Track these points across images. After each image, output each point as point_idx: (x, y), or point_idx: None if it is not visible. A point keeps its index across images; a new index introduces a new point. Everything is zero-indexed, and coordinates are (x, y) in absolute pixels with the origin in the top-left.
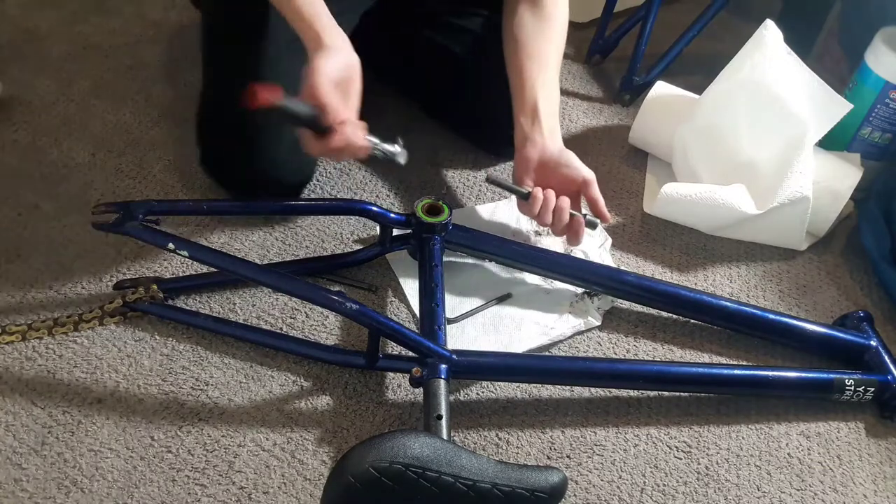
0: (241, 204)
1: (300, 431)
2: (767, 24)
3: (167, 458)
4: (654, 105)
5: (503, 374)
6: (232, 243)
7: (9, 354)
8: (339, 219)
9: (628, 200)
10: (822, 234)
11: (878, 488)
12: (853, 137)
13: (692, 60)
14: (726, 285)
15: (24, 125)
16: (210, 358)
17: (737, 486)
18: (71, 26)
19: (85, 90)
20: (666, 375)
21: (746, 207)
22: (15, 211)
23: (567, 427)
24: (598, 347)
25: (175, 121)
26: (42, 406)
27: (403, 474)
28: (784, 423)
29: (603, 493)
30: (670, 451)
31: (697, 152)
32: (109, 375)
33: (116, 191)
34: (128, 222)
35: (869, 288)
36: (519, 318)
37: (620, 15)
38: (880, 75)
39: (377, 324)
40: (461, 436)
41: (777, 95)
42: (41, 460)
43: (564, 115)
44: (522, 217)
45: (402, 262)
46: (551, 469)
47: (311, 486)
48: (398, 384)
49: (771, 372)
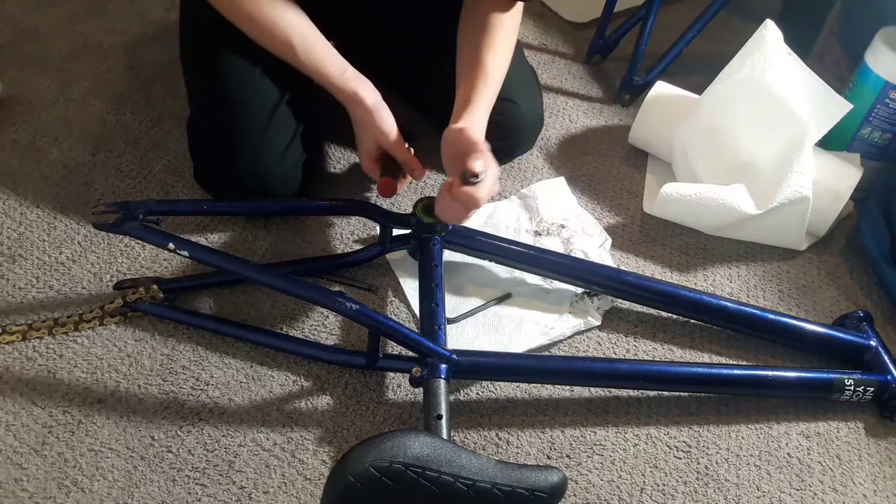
0: (241, 204)
1: (300, 431)
2: (767, 24)
3: (167, 458)
4: (654, 105)
5: (503, 374)
6: (232, 243)
7: (9, 354)
8: (339, 219)
9: (628, 200)
10: (822, 234)
11: (878, 488)
12: (853, 137)
13: (692, 60)
14: (726, 285)
15: (24, 125)
16: (210, 358)
17: (736, 485)
18: (71, 26)
19: (85, 90)
20: (666, 375)
21: (746, 207)
22: (15, 211)
23: (567, 427)
24: (598, 347)
25: (175, 121)
26: (42, 406)
27: (403, 474)
28: (784, 423)
29: (603, 492)
30: (670, 451)
31: (697, 152)
32: (110, 375)
33: (116, 191)
34: (128, 222)
35: (869, 288)
36: (519, 318)
37: (620, 15)
38: (880, 75)
39: (377, 324)
40: (461, 436)
41: (777, 95)
42: (41, 460)
43: (564, 115)
44: (522, 217)
45: (402, 262)
46: (551, 469)
47: (312, 485)
48: (398, 384)
49: (771, 372)
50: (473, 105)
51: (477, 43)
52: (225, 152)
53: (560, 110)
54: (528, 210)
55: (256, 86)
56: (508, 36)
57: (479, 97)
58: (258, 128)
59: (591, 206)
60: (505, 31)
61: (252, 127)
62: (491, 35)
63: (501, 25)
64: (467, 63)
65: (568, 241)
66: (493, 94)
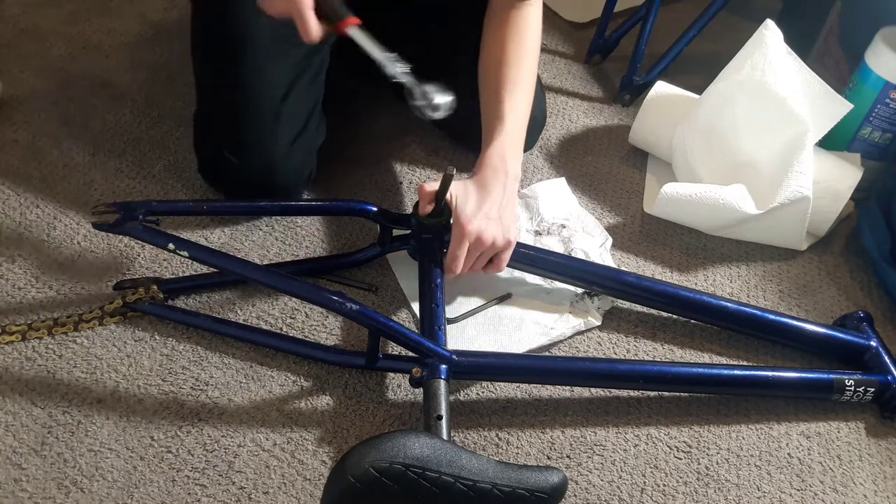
0: (242, 204)
1: (300, 431)
2: (767, 24)
3: (167, 458)
4: (654, 105)
5: (503, 374)
6: (232, 243)
7: (9, 354)
8: (339, 219)
9: (628, 200)
10: (822, 234)
11: (879, 488)
12: (853, 137)
13: (692, 60)
14: (726, 285)
15: (24, 125)
16: (210, 358)
17: (737, 486)
18: (71, 26)
19: (85, 90)
20: (666, 375)
21: (746, 207)
22: (15, 211)
23: (567, 427)
24: (598, 347)
25: (175, 121)
26: (42, 406)
27: (404, 474)
28: (784, 423)
29: (603, 493)
30: (670, 451)
31: (697, 152)
32: (109, 375)
33: (116, 191)
34: (128, 222)
35: (869, 288)
36: (519, 318)
37: (620, 15)
38: (880, 75)
39: (377, 324)
40: (461, 436)
41: (777, 95)
42: (41, 460)
43: (564, 115)
44: (523, 217)
45: (402, 262)
46: (551, 469)
47: (311, 486)
48: (398, 384)
49: (771, 372)
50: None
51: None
52: (234, 150)
53: (560, 110)
54: (528, 210)
55: (268, 73)
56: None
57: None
58: (268, 116)
59: (592, 206)
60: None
61: (262, 115)
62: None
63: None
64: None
65: (568, 240)
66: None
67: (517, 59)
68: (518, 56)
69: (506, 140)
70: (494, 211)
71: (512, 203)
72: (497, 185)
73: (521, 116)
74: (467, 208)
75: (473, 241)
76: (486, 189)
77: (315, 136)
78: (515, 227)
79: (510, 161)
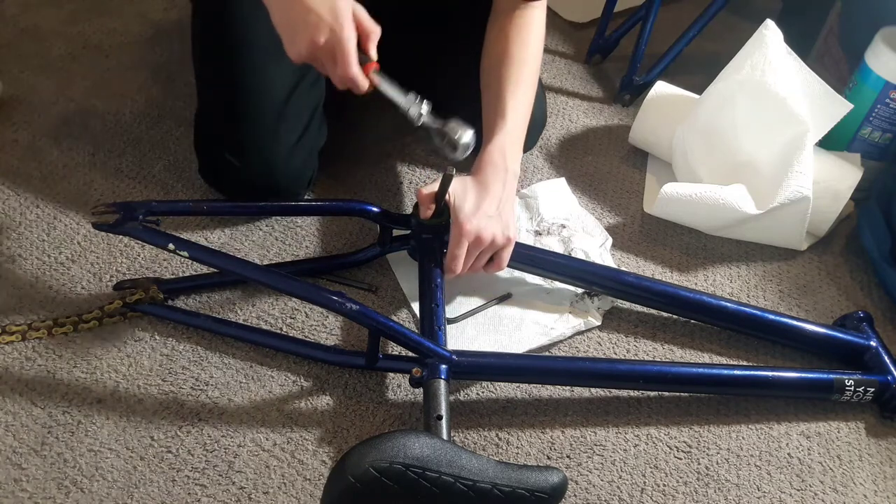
0: (242, 204)
1: (300, 431)
2: (767, 24)
3: (167, 458)
4: (654, 105)
5: (503, 374)
6: (232, 243)
7: (9, 354)
8: (339, 219)
9: (628, 200)
10: (822, 234)
11: (879, 488)
12: (853, 137)
13: (692, 60)
14: (726, 285)
15: (24, 125)
16: (210, 358)
17: (737, 486)
18: (71, 26)
19: (85, 90)
20: (666, 375)
21: (747, 207)
22: (15, 211)
23: (567, 427)
24: (598, 347)
25: (175, 121)
26: (42, 406)
27: (404, 474)
28: (784, 423)
29: (603, 493)
30: (670, 451)
31: (697, 152)
32: (109, 375)
33: (116, 191)
34: (128, 222)
35: (869, 288)
36: (519, 318)
37: (620, 15)
38: (880, 75)
39: (377, 324)
40: (461, 436)
41: (777, 95)
42: (41, 460)
43: (564, 115)
44: (523, 217)
45: (402, 262)
46: (551, 469)
47: (311, 486)
48: (398, 384)
49: (771, 372)
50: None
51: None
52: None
53: (560, 110)
54: (528, 210)
55: (270, 74)
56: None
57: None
58: (270, 117)
59: (592, 206)
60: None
61: (264, 116)
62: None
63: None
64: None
65: (568, 240)
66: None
67: (520, 59)
68: (521, 56)
69: (507, 137)
70: (493, 209)
71: (511, 200)
72: (497, 181)
73: (522, 115)
74: (466, 207)
75: (473, 240)
76: (485, 186)
77: (317, 138)
78: (515, 224)
79: (510, 158)
